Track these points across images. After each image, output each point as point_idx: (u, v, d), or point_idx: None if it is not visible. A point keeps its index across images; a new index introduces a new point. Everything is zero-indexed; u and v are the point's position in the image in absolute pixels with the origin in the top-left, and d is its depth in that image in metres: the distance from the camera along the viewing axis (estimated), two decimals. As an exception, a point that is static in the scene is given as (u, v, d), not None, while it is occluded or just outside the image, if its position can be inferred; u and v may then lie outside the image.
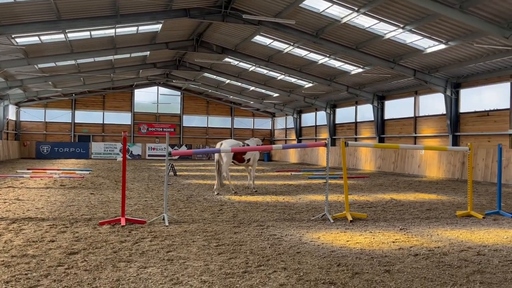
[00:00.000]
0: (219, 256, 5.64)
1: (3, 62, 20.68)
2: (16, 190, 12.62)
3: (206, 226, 7.72)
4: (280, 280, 4.71)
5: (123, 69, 28.73)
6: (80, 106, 38.83)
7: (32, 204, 9.93)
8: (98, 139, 39.20)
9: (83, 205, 9.97)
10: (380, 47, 18.50)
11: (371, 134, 27.83)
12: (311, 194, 13.07)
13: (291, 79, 28.17)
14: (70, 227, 7.38)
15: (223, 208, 9.92)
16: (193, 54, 25.46)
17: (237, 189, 14.02)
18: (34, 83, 27.58)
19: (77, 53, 21.73)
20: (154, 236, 6.82)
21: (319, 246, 6.37)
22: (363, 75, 23.12)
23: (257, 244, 6.38)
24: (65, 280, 4.52)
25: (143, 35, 21.33)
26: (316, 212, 9.63)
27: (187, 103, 41.96)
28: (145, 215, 8.85)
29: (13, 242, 6.18)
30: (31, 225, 7.51)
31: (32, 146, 36.54)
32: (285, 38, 19.97)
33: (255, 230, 7.44)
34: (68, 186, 14.16)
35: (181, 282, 4.57)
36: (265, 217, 8.81)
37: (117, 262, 5.28)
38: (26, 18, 15.61)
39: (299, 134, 38.00)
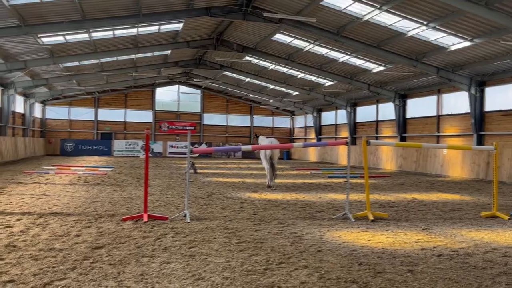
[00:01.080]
0: (240, 253, 5.68)
1: (30, 61, 21.22)
2: (42, 186, 12.95)
3: (227, 223, 7.78)
4: (301, 278, 4.72)
5: (145, 67, 29.12)
6: (103, 105, 39.51)
7: (58, 200, 10.18)
8: (120, 136, 39.83)
9: (107, 201, 10.16)
10: (403, 44, 18.25)
11: (393, 133, 27.48)
12: (331, 193, 13.00)
13: (311, 78, 28.05)
14: (94, 222, 7.54)
15: (243, 206, 9.97)
16: (213, 52, 25.60)
17: (256, 187, 14.07)
18: (59, 82, 28.22)
19: (101, 52, 22.13)
20: (176, 232, 6.91)
21: (340, 245, 6.34)
22: (384, 73, 22.85)
23: (278, 242, 6.40)
24: (91, 274, 4.63)
25: (165, 34, 21.57)
26: (337, 211, 9.58)
27: (207, 102, 42.24)
28: (167, 211, 8.97)
29: (40, 236, 6.35)
30: (57, 220, 7.70)
31: (57, 143, 37.38)
32: (305, 36, 19.89)
33: (275, 228, 7.46)
34: (92, 182, 14.44)
35: (203, 278, 4.62)
36: (286, 215, 8.82)
37: (140, 257, 5.37)
38: (51, 18, 15.98)
39: (318, 132, 37.80)
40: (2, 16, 14.67)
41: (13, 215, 8.00)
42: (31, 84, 26.80)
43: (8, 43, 18.07)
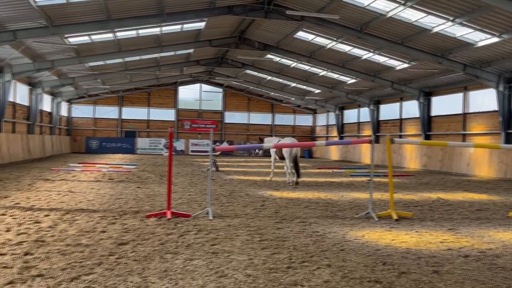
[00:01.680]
0: (263, 251, 5.69)
1: (56, 61, 21.74)
2: (69, 183, 13.26)
3: (249, 221, 7.80)
4: (324, 276, 4.69)
5: (167, 66, 29.45)
6: (126, 103, 40.16)
7: (84, 196, 10.40)
8: (143, 134, 40.41)
9: (131, 198, 10.33)
10: (428, 41, 17.89)
11: (417, 131, 27.01)
12: (354, 192, 12.88)
13: (333, 75, 27.82)
14: (119, 219, 7.68)
15: (265, 204, 9.98)
16: (235, 51, 25.67)
17: (278, 185, 14.08)
18: (85, 81, 28.81)
19: (125, 51, 22.48)
20: (199, 229, 6.97)
21: (363, 244, 6.28)
22: (408, 71, 22.47)
23: (300, 241, 6.38)
24: (116, 269, 4.72)
25: (187, 33, 21.75)
26: (360, 210, 9.49)
27: (228, 100, 42.42)
28: (189, 208, 9.06)
29: (68, 232, 6.51)
30: (84, 216, 7.88)
31: (82, 141, 38.21)
32: (328, 33, 19.73)
33: (297, 227, 7.44)
34: (116, 179, 14.70)
35: (226, 275, 4.65)
36: (308, 214, 8.78)
37: (164, 253, 5.44)
38: (78, 18, 16.32)
39: (341, 131, 37.48)
40: (30, 17, 15.07)
41: (41, 211, 8.22)
42: (58, 83, 27.45)
43: (36, 43, 18.56)
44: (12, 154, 21.53)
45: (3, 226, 6.77)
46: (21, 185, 12.41)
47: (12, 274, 4.42)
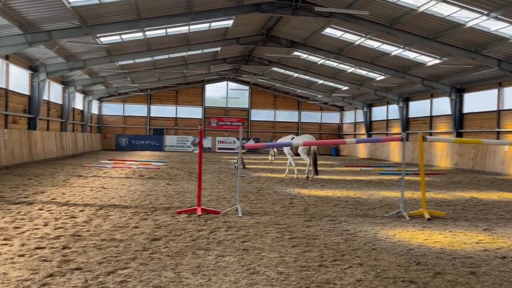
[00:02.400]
0: (293, 249, 5.69)
1: (89, 60, 22.30)
2: (101, 179, 13.60)
3: (278, 219, 7.81)
4: (357, 275, 4.65)
5: (195, 65, 29.73)
6: (155, 101, 40.79)
7: (116, 192, 10.65)
8: (171, 132, 40.97)
9: (161, 195, 10.50)
10: (461, 36, 17.39)
11: (448, 128, 26.35)
12: (383, 190, 12.69)
13: (361, 72, 27.44)
14: (150, 215, 7.82)
15: (293, 202, 9.96)
16: (262, 48, 25.67)
17: (305, 183, 14.03)
18: (115, 80, 29.44)
19: (154, 50, 22.83)
20: (229, 226, 7.02)
21: (395, 243, 6.18)
22: (440, 67, 21.91)
23: (331, 239, 6.34)
24: (151, 264, 4.82)
25: (215, 31, 21.89)
26: (390, 209, 9.35)
27: (255, 98, 42.48)
28: (218, 205, 9.14)
29: (102, 227, 6.68)
30: (116, 211, 8.06)
31: (112, 139, 39.08)
32: (356, 29, 19.46)
33: (327, 225, 7.39)
34: (146, 176, 14.98)
35: (258, 272, 4.67)
36: (337, 212, 8.72)
37: (196, 249, 5.51)
38: (109, 18, 16.68)
39: (369, 128, 36.95)
40: (64, 17, 15.51)
41: (76, 206, 8.46)
42: (89, 82, 28.16)
43: (69, 43, 19.09)
44: (47, 151, 22.24)
45: (41, 220, 7.01)
46: (56, 181, 12.81)
47: (51, 267, 4.57)
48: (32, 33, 15.80)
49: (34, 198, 9.33)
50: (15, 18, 14.84)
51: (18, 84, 20.57)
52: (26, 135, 19.53)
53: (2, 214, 7.46)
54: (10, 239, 5.73)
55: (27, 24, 15.58)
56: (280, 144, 9.36)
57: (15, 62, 19.79)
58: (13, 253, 5.03)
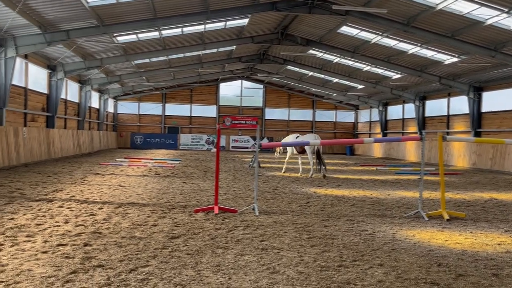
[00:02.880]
0: (312, 249, 5.67)
1: (105, 59, 22.55)
2: (118, 177, 13.74)
3: (295, 218, 7.79)
4: (378, 276, 4.61)
5: (210, 63, 29.83)
6: (169, 100, 41.06)
7: (133, 190, 10.75)
8: (185, 130, 41.20)
9: (178, 193, 10.57)
10: (480, 34, 17.11)
11: (466, 128, 25.96)
12: (400, 190, 12.57)
13: (377, 70, 27.19)
14: (168, 213, 7.87)
15: (310, 201, 9.93)
16: (277, 47, 25.64)
17: (321, 182, 13.99)
18: (130, 78, 29.72)
19: (169, 49, 22.97)
20: (247, 225, 7.03)
21: (415, 244, 6.12)
22: (458, 65, 21.59)
23: (349, 239, 6.30)
24: (171, 262, 4.85)
25: (230, 30, 21.93)
26: (408, 209, 9.26)
27: (269, 96, 42.45)
28: (235, 204, 9.16)
29: (121, 225, 6.75)
30: (135, 209, 8.14)
31: (127, 137, 39.47)
32: (373, 27, 19.28)
33: (345, 225, 7.35)
34: (162, 174, 15.09)
35: (278, 271, 4.67)
36: (354, 212, 8.66)
37: (215, 248, 5.53)
38: (126, 17, 16.83)
39: (384, 127, 36.62)
40: (82, 17, 15.70)
41: (95, 204, 8.57)
42: (105, 81, 28.47)
43: (87, 43, 19.32)
44: (64, 149, 22.56)
45: (62, 217, 7.11)
46: (74, 178, 12.99)
47: (74, 264, 4.64)
48: (51, 32, 16.04)
49: (54, 196, 9.47)
50: (34, 18, 15.08)
51: (36, 82, 20.91)
52: (44, 133, 19.84)
53: (23, 211, 7.59)
54: (32, 236, 5.82)
55: (46, 24, 15.82)
56: (299, 143, 9.31)
57: (34, 61, 20.11)
58: (36, 250, 5.12)
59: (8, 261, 4.67)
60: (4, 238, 5.62)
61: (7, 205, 8.08)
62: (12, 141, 16.13)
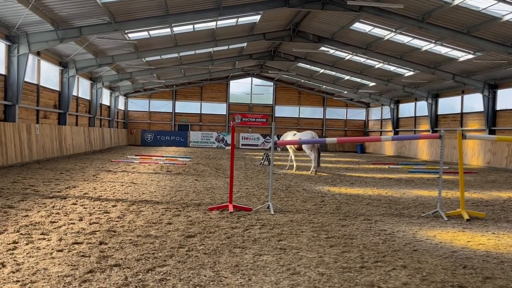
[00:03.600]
0: (332, 249, 5.53)
1: (117, 56, 22.54)
2: (130, 174, 13.70)
3: (311, 217, 7.65)
4: (402, 278, 4.46)
5: (220, 61, 29.72)
6: (179, 97, 41.05)
7: (146, 188, 10.68)
8: (195, 128, 41.19)
9: (191, 191, 10.48)
10: (497, 30, 16.76)
11: (480, 126, 25.55)
12: (416, 189, 12.36)
13: (390, 68, 26.87)
14: (182, 211, 7.78)
15: (325, 200, 9.77)
16: (288, 44, 25.44)
17: (334, 181, 13.84)
18: (141, 76, 29.71)
19: (180, 46, 22.89)
20: (262, 224, 6.91)
21: (437, 245, 5.95)
22: (473, 62, 21.21)
23: (369, 239, 6.15)
24: (188, 262, 4.74)
25: (242, 26, 21.79)
26: (425, 208, 9.08)
27: (279, 94, 42.25)
28: (249, 202, 9.04)
29: (136, 223, 6.66)
30: (148, 207, 8.06)
31: (138, 134, 39.56)
32: (386, 24, 19.01)
33: (363, 224, 7.20)
34: (174, 172, 15.02)
35: (298, 272, 4.54)
36: (371, 211, 8.49)
37: (232, 247, 5.41)
38: (138, 14, 16.77)
39: (396, 125, 36.25)
40: (95, 13, 15.67)
41: (108, 201, 8.50)
42: (116, 78, 28.50)
43: (99, 40, 19.31)
44: (76, 146, 22.63)
45: (76, 215, 7.05)
46: (87, 175, 12.97)
47: (91, 263, 4.55)
48: (63, 29, 16.04)
49: (67, 193, 9.43)
50: (47, 14, 15.08)
51: (48, 79, 20.97)
52: (56, 130, 19.90)
53: (37, 208, 7.55)
54: (47, 233, 5.76)
55: (58, 21, 15.82)
56: (318, 141, 9.15)
57: (46, 58, 20.15)
58: (51, 248, 5.04)
59: (23, 259, 4.60)
60: (19, 235, 5.56)
61: (21, 202, 8.04)
62: (25, 138, 16.19)
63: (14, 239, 5.38)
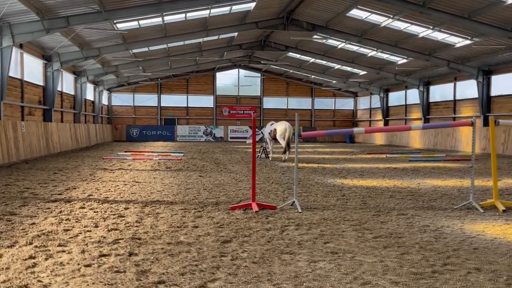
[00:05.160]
0: (388, 251, 4.99)
1: (103, 48, 21.49)
2: (128, 172, 12.92)
3: (342, 214, 7.12)
4: (486, 284, 3.95)
5: (209, 51, 28.85)
6: (165, 90, 39.99)
7: (152, 187, 9.98)
8: (182, 122, 40.26)
9: (201, 188, 9.83)
10: (499, 14, 16.48)
11: (474, 113, 25.50)
12: (428, 179, 12.01)
13: (382, 55, 26.53)
14: (202, 212, 7.15)
15: (345, 194, 9.27)
16: (279, 33, 24.80)
17: (341, 172, 13.38)
18: (127, 69, 28.61)
19: (170, 36, 21.97)
20: (297, 224, 6.34)
21: (492, 241, 5.49)
22: (469, 48, 20.99)
23: (418, 237, 5.65)
24: (240, 274, 4.13)
25: (235, 15, 21.02)
26: (451, 199, 8.70)
27: (267, 85, 41.61)
28: (268, 199, 8.47)
29: (158, 227, 6.01)
30: (164, 208, 7.39)
31: (123, 129, 38.41)
32: (385, 10, 18.54)
33: (400, 220, 6.71)
34: (174, 168, 14.30)
35: (369, 282, 3.98)
36: (399, 205, 8.03)
37: (280, 253, 4.83)
38: (129, 2, 15.83)
39: (386, 114, 36.10)
40: (84, 1, 14.57)
41: (118, 203, 7.80)
42: (101, 72, 27.37)
43: (85, 30, 18.26)
44: (62, 143, 21.59)
45: (89, 221, 6.34)
46: (83, 175, 12.15)
47: (131, 281, 3.89)
48: (49, 19, 14.99)
49: (70, 195, 8.66)
50: (32, 3, 14.01)
51: (32, 74, 19.83)
52: (42, 127, 18.85)
53: (43, 214, 6.80)
54: (65, 244, 5.06)
55: (44, 10, 14.75)
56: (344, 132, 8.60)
57: (29, 51, 19.01)
58: (77, 263, 4.36)
59: (49, 279, 3.91)
60: (34, 248, 4.84)
61: (22, 208, 7.27)
62: (11, 136, 15.18)
63: (29, 253, 4.67)
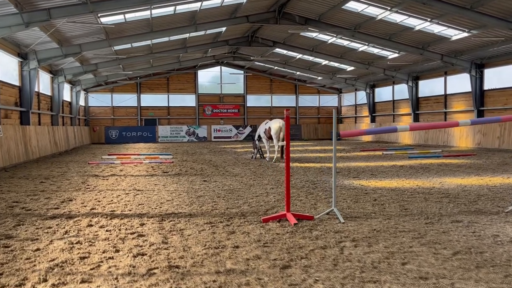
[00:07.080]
0: (484, 273, 4.17)
1: (85, 44, 20.03)
2: (124, 179, 11.77)
3: (391, 223, 6.29)
4: None
5: (194, 48, 27.64)
6: (145, 90, 38.49)
7: (158, 196, 8.92)
8: (164, 122, 38.87)
9: (214, 196, 8.84)
10: (502, 5, 16.06)
11: (466, 107, 25.30)
12: (445, 177, 11.38)
13: (373, 50, 26.00)
14: (231, 226, 6.20)
15: (375, 198, 8.46)
16: (267, 28, 23.90)
17: (349, 173, 12.62)
18: (107, 67, 27.09)
19: (156, 31, 20.71)
20: (351, 239, 5.45)
21: None
22: (464, 41, 20.62)
23: (500, 251, 4.87)
24: (335, 318, 3.21)
25: (226, 8, 19.96)
26: (489, 200, 8.11)
27: (250, 82, 40.66)
28: (294, 207, 7.56)
29: (192, 249, 5.02)
30: (185, 223, 6.39)
31: (101, 131, 36.72)
32: (383, 1, 17.88)
33: (461, 229, 5.93)
34: (171, 173, 13.21)
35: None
36: (444, 210, 7.27)
37: (361, 282, 3.93)
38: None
39: (372, 110, 35.75)
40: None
41: (129, 218, 6.74)
42: (80, 70, 25.79)
43: (65, 26, 16.86)
44: (41, 148, 20.05)
45: (105, 244, 5.27)
46: (75, 184, 10.93)
47: None
48: (29, 11, 13.58)
49: (69, 209, 7.52)
50: (9, -6, 12.63)
51: (7, 73, 18.24)
52: (21, 131, 17.35)
53: (46, 235, 5.68)
54: (89, 280, 4.01)
55: (23, 2, 13.34)
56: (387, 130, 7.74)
57: (4, 48, 17.42)
58: (115, 311, 3.34)
59: None
60: (52, 289, 3.78)
61: (18, 228, 6.12)
62: (-13, 142, 13.73)
63: (48, 297, 3.61)
